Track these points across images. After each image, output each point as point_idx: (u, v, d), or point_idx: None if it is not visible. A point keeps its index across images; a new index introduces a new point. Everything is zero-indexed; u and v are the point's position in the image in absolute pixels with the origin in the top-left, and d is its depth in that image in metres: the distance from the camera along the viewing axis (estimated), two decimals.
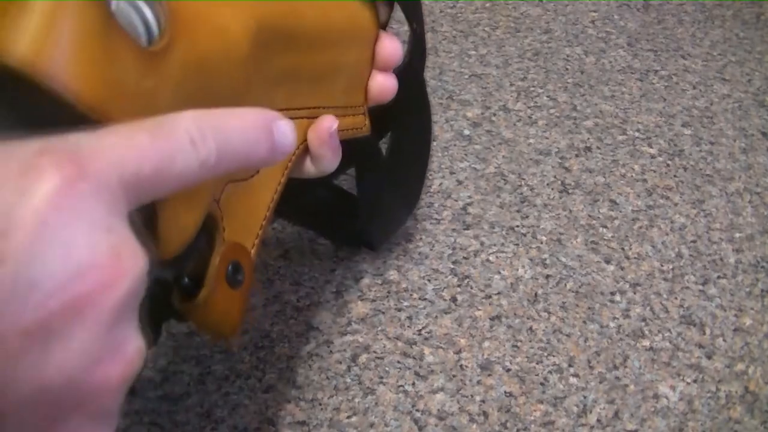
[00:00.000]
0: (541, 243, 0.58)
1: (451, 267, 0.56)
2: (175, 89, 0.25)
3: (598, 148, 0.68)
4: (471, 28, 0.83)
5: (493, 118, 0.70)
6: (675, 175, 0.66)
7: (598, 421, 0.47)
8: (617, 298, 0.55)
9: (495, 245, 0.58)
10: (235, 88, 0.29)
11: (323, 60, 0.35)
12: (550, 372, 0.49)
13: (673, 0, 0.92)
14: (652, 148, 0.69)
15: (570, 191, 0.63)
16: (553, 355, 0.50)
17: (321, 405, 0.46)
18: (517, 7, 0.87)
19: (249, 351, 0.49)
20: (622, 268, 0.57)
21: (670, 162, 0.68)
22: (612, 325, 0.53)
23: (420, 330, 0.51)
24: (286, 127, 0.26)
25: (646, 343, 0.52)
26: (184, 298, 0.30)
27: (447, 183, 0.63)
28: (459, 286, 0.54)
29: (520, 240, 0.58)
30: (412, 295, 0.53)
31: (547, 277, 0.56)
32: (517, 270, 0.56)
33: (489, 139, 0.68)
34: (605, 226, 0.60)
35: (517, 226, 0.59)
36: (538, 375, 0.49)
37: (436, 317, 0.52)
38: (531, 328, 0.52)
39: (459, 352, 0.50)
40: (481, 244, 0.58)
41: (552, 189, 0.63)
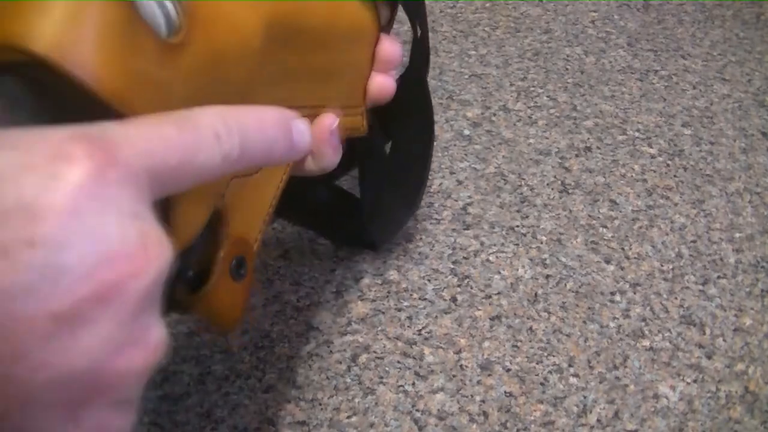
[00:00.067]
0: (541, 243, 0.58)
1: (451, 267, 0.56)
2: (189, 81, 0.25)
3: (598, 148, 0.68)
4: (471, 28, 0.83)
5: (493, 118, 0.70)
6: (675, 175, 0.66)
7: (598, 421, 0.47)
8: (617, 298, 0.55)
9: (495, 245, 0.58)
10: (243, 82, 0.29)
11: (325, 59, 0.36)
12: (550, 372, 0.49)
13: (673, 0, 0.92)
14: (652, 148, 0.69)
15: (570, 191, 0.63)
16: (553, 355, 0.50)
17: (321, 405, 0.46)
18: (517, 7, 0.87)
19: (249, 351, 0.49)
20: (622, 268, 0.57)
21: (670, 162, 0.68)
22: (612, 325, 0.53)
23: (420, 330, 0.51)
24: (303, 126, 0.26)
25: (646, 343, 0.52)
26: (188, 290, 0.31)
27: (447, 183, 0.63)
28: (459, 286, 0.54)
29: (520, 240, 0.58)
30: (412, 295, 0.53)
31: (547, 277, 0.56)
32: (517, 270, 0.56)
33: (489, 139, 0.68)
34: (605, 226, 0.60)
35: (517, 226, 0.59)
36: (538, 375, 0.49)
37: (436, 317, 0.52)
38: (531, 328, 0.52)
39: (459, 352, 0.50)
40: (481, 244, 0.58)
41: (552, 189, 0.63)
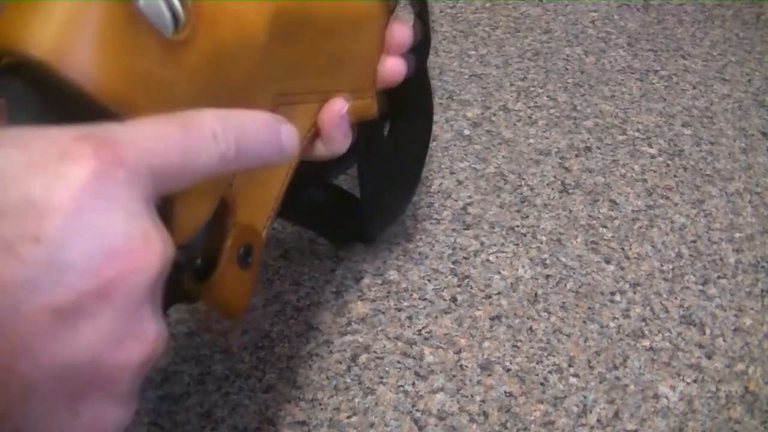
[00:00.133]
0: (541, 243, 0.58)
1: (451, 267, 0.56)
2: (193, 78, 0.25)
3: (598, 148, 0.68)
4: (471, 28, 0.83)
5: (493, 118, 0.70)
6: (675, 175, 0.66)
7: (598, 421, 0.47)
8: (617, 298, 0.55)
9: (495, 245, 0.58)
10: (250, 75, 0.29)
11: (333, 47, 0.35)
12: (550, 372, 0.49)
13: (673, 0, 0.92)
14: (652, 148, 0.69)
15: (570, 191, 0.63)
16: (553, 355, 0.50)
17: (321, 405, 0.46)
18: (517, 7, 0.87)
19: (249, 351, 0.49)
20: (622, 268, 0.57)
21: (670, 162, 0.68)
22: (612, 325, 0.53)
23: (420, 330, 0.51)
24: (291, 130, 0.27)
25: (646, 343, 0.52)
26: (196, 279, 0.31)
27: (447, 183, 0.63)
28: (459, 286, 0.54)
29: (520, 240, 0.58)
30: (412, 295, 0.53)
31: (547, 277, 0.56)
32: (517, 270, 0.56)
33: (489, 139, 0.68)
34: (605, 226, 0.60)
35: (517, 226, 0.59)
36: (538, 375, 0.49)
37: (436, 317, 0.52)
38: (531, 328, 0.52)
39: (459, 352, 0.50)
40: (481, 244, 0.58)
41: (552, 189, 0.63)
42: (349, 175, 0.57)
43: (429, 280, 0.54)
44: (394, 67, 0.39)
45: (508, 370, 0.49)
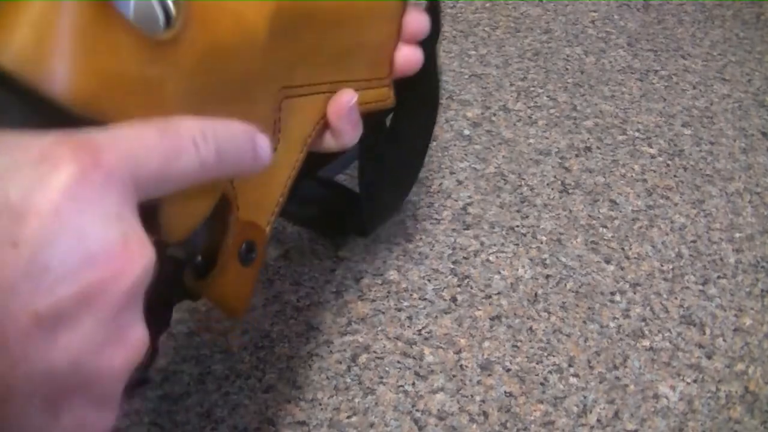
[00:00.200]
0: (541, 243, 0.58)
1: (451, 267, 0.56)
2: (186, 77, 0.25)
3: (598, 148, 0.68)
4: (471, 28, 0.83)
5: (493, 118, 0.70)
6: (675, 175, 0.66)
7: (598, 421, 0.47)
8: (617, 298, 0.55)
9: (495, 245, 0.58)
10: (250, 73, 0.29)
11: (346, 36, 0.35)
12: (550, 372, 0.49)
13: (673, 0, 0.92)
14: (652, 148, 0.69)
15: (570, 191, 0.63)
16: (553, 355, 0.50)
17: (321, 405, 0.46)
18: (517, 7, 0.87)
19: (249, 351, 0.49)
20: (622, 268, 0.57)
21: (670, 162, 0.68)
22: (612, 325, 0.53)
23: (420, 330, 0.51)
24: (265, 139, 0.27)
25: (646, 343, 0.52)
26: (197, 276, 0.31)
27: (447, 183, 0.63)
28: (459, 286, 0.54)
29: (520, 240, 0.58)
30: (412, 295, 0.53)
31: (547, 277, 0.56)
32: (517, 270, 0.56)
33: (489, 139, 0.68)
34: (605, 226, 0.60)
35: (517, 226, 0.59)
36: (538, 375, 0.49)
37: (436, 317, 0.52)
38: (531, 328, 0.52)
39: (459, 352, 0.50)
40: (481, 244, 0.58)
41: (552, 189, 0.63)
42: (348, 174, 0.57)
43: (429, 280, 0.54)
44: (410, 55, 0.38)
45: (508, 370, 0.49)
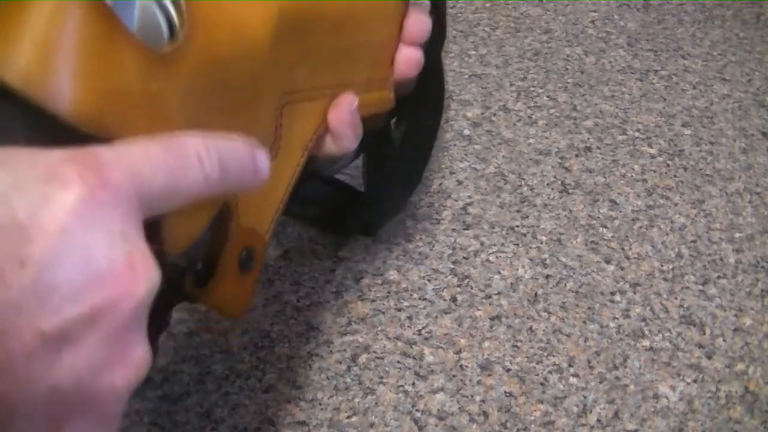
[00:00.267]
0: (541, 243, 0.58)
1: (451, 267, 0.56)
2: (189, 87, 0.25)
3: (598, 148, 0.68)
4: (471, 28, 0.83)
5: (493, 118, 0.70)
6: (675, 175, 0.66)
7: (598, 421, 0.47)
8: (617, 298, 0.55)
9: (495, 245, 0.58)
10: (253, 79, 0.29)
11: (346, 38, 0.34)
12: (550, 372, 0.49)
13: (673, 0, 0.92)
14: (652, 148, 0.69)
15: (570, 191, 0.63)
16: (553, 355, 0.50)
17: (321, 405, 0.46)
18: (517, 7, 0.87)
19: (249, 351, 0.49)
20: (622, 268, 0.57)
21: (670, 162, 0.68)
22: (612, 325, 0.53)
23: (420, 330, 0.51)
24: (264, 155, 0.27)
25: (646, 343, 0.52)
26: (197, 283, 0.31)
27: (447, 183, 0.63)
28: (459, 286, 0.54)
29: (520, 240, 0.58)
30: (412, 295, 0.53)
31: (547, 277, 0.56)
32: (517, 270, 0.56)
33: (489, 139, 0.68)
34: (605, 226, 0.60)
35: (517, 226, 0.59)
36: (538, 375, 0.49)
37: (436, 317, 0.52)
38: (531, 328, 0.52)
39: (459, 352, 0.50)
40: (481, 244, 0.58)
41: (552, 189, 0.63)
42: (347, 174, 0.57)
43: (429, 280, 0.54)
44: (411, 57, 0.38)
45: (508, 370, 0.49)
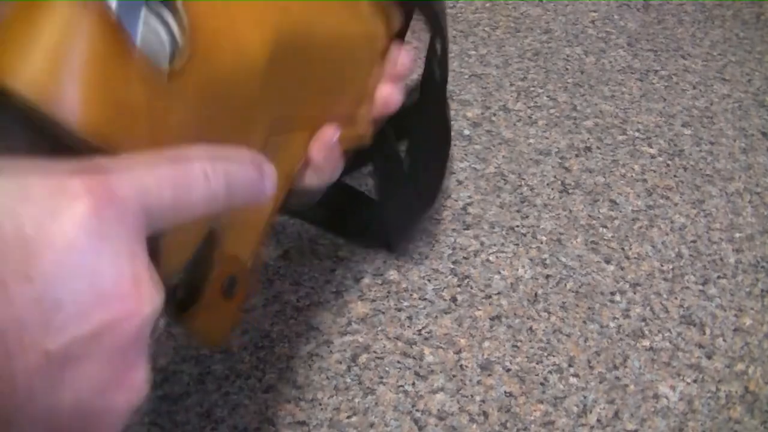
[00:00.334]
0: (541, 243, 0.58)
1: (451, 267, 0.56)
2: (188, 108, 0.25)
3: (598, 148, 0.68)
4: (471, 28, 0.83)
5: (493, 118, 0.70)
6: (675, 175, 0.66)
7: (598, 421, 0.47)
8: (617, 298, 0.55)
9: (495, 245, 0.58)
10: (249, 102, 0.29)
11: (332, 70, 0.34)
12: (550, 372, 0.49)
13: (673, 0, 0.92)
14: (652, 148, 0.69)
15: (570, 191, 0.63)
16: (553, 355, 0.50)
17: (321, 405, 0.46)
18: (517, 7, 0.87)
19: (249, 351, 0.49)
20: (622, 268, 0.57)
21: (670, 162, 0.68)
22: (612, 325, 0.53)
23: (420, 330, 0.51)
24: (272, 170, 0.27)
25: (646, 343, 0.52)
26: (179, 309, 0.30)
27: (447, 183, 0.63)
28: (459, 286, 0.54)
29: (520, 240, 0.58)
30: (412, 295, 0.53)
31: (547, 277, 0.56)
32: (517, 270, 0.56)
33: (489, 139, 0.68)
34: (605, 226, 0.60)
35: (517, 226, 0.59)
36: (538, 375, 0.49)
37: (436, 317, 0.52)
38: (531, 328, 0.52)
39: (459, 352, 0.50)
40: (481, 244, 0.58)
41: (552, 189, 0.63)
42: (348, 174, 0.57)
43: (429, 280, 0.54)
44: (389, 95, 0.38)
45: (508, 370, 0.49)
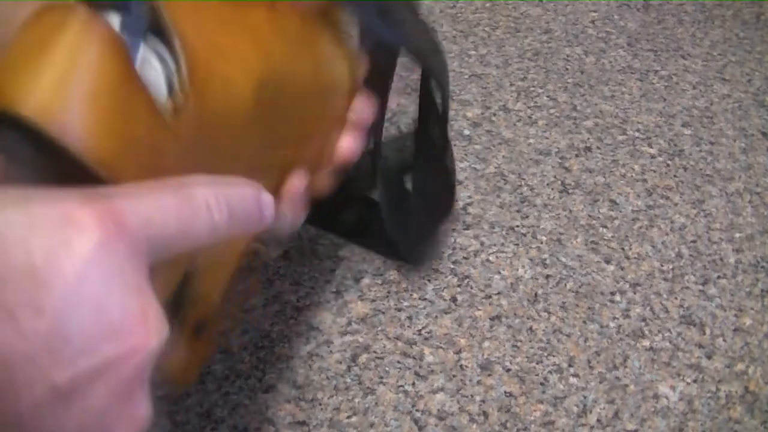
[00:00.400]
0: (541, 243, 0.58)
1: (451, 267, 0.56)
2: (183, 144, 0.25)
3: (598, 148, 0.68)
4: (471, 28, 0.83)
5: (493, 118, 0.70)
6: (675, 175, 0.66)
7: (598, 421, 0.47)
8: (617, 298, 0.55)
9: (495, 245, 0.58)
10: (233, 144, 0.29)
11: (301, 117, 0.35)
12: (550, 372, 0.49)
13: (673, 0, 0.92)
14: (652, 148, 0.69)
15: (570, 191, 0.63)
16: (553, 355, 0.50)
17: (321, 405, 0.46)
18: (517, 7, 0.87)
19: (249, 351, 0.49)
20: (622, 268, 0.57)
21: (670, 162, 0.68)
22: (612, 325, 0.53)
23: (420, 330, 0.51)
24: (269, 198, 0.27)
25: (646, 343, 0.52)
26: None
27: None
28: (459, 286, 0.54)
29: (520, 240, 0.58)
30: (412, 295, 0.53)
31: (547, 277, 0.56)
32: (517, 270, 0.56)
33: (489, 139, 0.68)
34: (605, 226, 0.60)
35: (517, 226, 0.59)
36: (538, 375, 0.49)
37: (436, 317, 0.52)
38: (531, 328, 0.52)
39: (459, 352, 0.50)
40: (481, 244, 0.58)
41: (552, 189, 0.63)
42: None
43: (429, 280, 0.54)
44: (348, 146, 0.39)
45: (508, 370, 0.49)
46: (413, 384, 0.48)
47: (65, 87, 0.21)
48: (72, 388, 0.18)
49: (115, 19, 0.23)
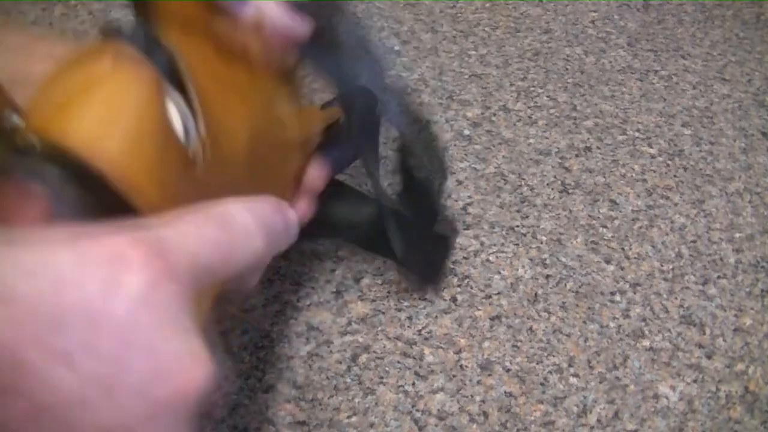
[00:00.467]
0: (541, 243, 0.58)
1: (451, 267, 0.56)
2: (198, 188, 0.26)
3: (598, 148, 0.68)
4: (471, 28, 0.83)
5: (493, 118, 0.70)
6: (675, 175, 0.66)
7: (598, 421, 0.47)
8: (617, 298, 0.55)
9: (495, 245, 0.58)
10: (233, 186, 0.31)
11: (271, 173, 0.37)
12: (550, 372, 0.49)
13: (673, 0, 0.92)
14: (652, 148, 0.69)
15: (570, 191, 0.63)
16: (553, 355, 0.50)
17: (321, 405, 0.46)
18: (517, 7, 0.87)
19: (249, 351, 0.49)
20: (622, 268, 0.57)
21: (670, 162, 0.68)
22: (612, 325, 0.53)
23: (420, 330, 0.51)
24: (293, 213, 0.27)
25: (646, 343, 0.52)
26: None
27: (447, 183, 0.63)
28: (459, 286, 0.54)
29: (520, 240, 0.58)
30: (412, 295, 0.53)
31: (547, 277, 0.56)
32: (517, 270, 0.56)
33: (489, 139, 0.68)
34: (605, 226, 0.60)
35: (517, 226, 0.59)
36: (538, 375, 0.49)
37: (436, 317, 0.52)
38: (531, 328, 0.52)
39: (459, 352, 0.50)
40: (481, 244, 0.58)
41: (552, 189, 0.63)
42: (347, 174, 0.57)
43: None
44: (300, 210, 0.39)
45: (508, 370, 0.49)
46: (413, 384, 0.48)
47: (111, 125, 0.22)
48: (122, 430, 0.18)
49: None
